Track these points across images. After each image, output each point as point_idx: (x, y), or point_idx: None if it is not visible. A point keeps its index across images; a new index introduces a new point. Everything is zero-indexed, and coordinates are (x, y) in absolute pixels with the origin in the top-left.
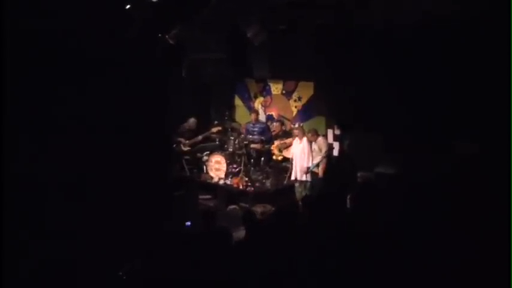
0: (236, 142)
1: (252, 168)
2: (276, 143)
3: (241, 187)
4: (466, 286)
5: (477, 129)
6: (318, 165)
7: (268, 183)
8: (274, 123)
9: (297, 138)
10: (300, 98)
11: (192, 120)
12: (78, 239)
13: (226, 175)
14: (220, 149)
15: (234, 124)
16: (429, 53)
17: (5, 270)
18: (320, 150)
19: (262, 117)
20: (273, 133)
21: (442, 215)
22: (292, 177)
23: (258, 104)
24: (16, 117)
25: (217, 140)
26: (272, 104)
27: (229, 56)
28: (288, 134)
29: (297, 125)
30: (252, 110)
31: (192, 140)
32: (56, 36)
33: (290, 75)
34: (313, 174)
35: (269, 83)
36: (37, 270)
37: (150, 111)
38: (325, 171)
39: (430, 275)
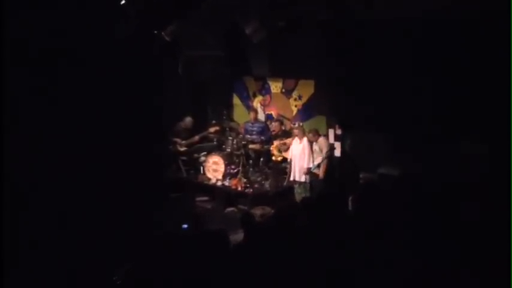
0: (234, 142)
1: (251, 169)
2: (276, 143)
3: (239, 189)
4: None
5: (484, 129)
6: (318, 166)
7: (267, 184)
8: (274, 123)
9: (296, 138)
10: (300, 97)
11: (188, 119)
12: (72, 241)
13: (224, 176)
14: (218, 149)
15: (232, 124)
16: (433, 51)
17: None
18: (321, 150)
19: (261, 116)
20: (273, 133)
21: (447, 218)
22: (291, 179)
23: (256, 102)
24: (11, 116)
25: (214, 140)
26: (271, 103)
27: (227, 53)
28: (288, 134)
29: (296, 125)
30: (251, 109)
31: (189, 140)
32: (49, 33)
33: (290, 73)
34: (313, 175)
35: (268, 81)
36: (34, 272)
37: (145, 110)
38: (326, 172)
39: (434, 279)
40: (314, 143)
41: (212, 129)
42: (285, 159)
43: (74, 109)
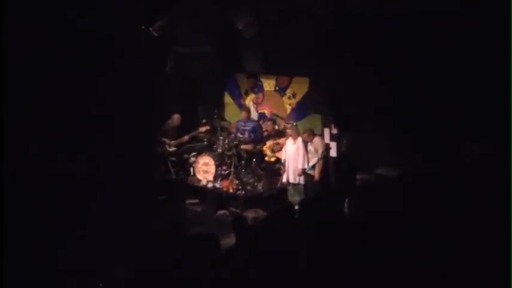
0: (226, 142)
1: (243, 170)
2: (269, 143)
3: (231, 191)
4: None
5: (488, 128)
6: (313, 167)
7: (260, 186)
8: (267, 122)
9: (290, 138)
10: (294, 95)
11: (176, 117)
12: (53, 248)
13: (215, 178)
14: (209, 149)
15: (223, 123)
16: (433, 46)
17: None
18: (316, 151)
19: (253, 115)
20: (265, 133)
21: (449, 222)
22: (284, 180)
23: (249, 101)
24: None
25: (205, 140)
26: (264, 101)
27: (218, 49)
28: (282, 134)
29: (290, 124)
30: (243, 107)
31: (178, 140)
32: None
33: (284, 70)
34: (308, 176)
35: (261, 79)
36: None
37: (131, 110)
38: (321, 174)
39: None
40: (309, 143)
41: (202, 129)
42: (278, 160)
43: (52, 109)
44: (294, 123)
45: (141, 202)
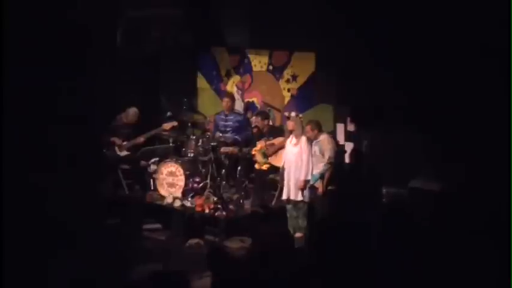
0: (199, 144)
1: (224, 183)
2: (260, 144)
3: (207, 211)
4: None
5: None
6: (322, 177)
7: (247, 204)
8: (257, 115)
9: (291, 137)
10: (295, 77)
11: (132, 111)
12: None
13: (185, 193)
14: (176, 154)
15: (196, 117)
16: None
17: None
18: (322, 154)
19: (238, 105)
20: (255, 130)
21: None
22: (284, 197)
23: (232, 86)
24: None
25: (170, 140)
26: (253, 86)
27: (188, 13)
28: (278, 131)
29: (293, 114)
30: (224, 94)
31: (133, 141)
32: None
33: (280, 43)
34: (314, 191)
35: (248, 55)
36: None
37: (67, 99)
38: (331, 186)
39: None
40: (314, 142)
41: (167, 126)
42: (273, 168)
43: None
44: (300, 115)
45: (81, 227)
